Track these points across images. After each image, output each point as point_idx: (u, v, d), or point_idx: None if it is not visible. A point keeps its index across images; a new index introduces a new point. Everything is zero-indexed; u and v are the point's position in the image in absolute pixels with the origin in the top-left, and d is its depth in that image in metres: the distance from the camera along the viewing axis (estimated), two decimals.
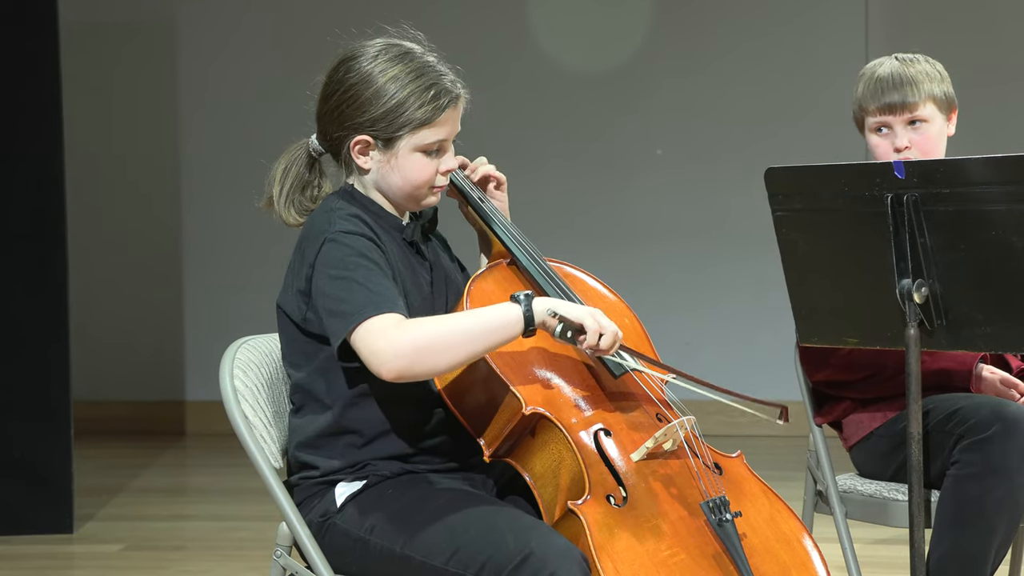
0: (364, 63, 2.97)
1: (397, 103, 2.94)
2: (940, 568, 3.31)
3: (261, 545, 5.47)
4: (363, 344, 2.82)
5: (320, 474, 2.98)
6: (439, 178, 3.01)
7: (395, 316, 2.83)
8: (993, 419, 3.31)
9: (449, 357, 2.82)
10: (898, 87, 3.54)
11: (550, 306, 2.87)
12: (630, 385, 3.01)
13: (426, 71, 2.97)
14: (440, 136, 2.97)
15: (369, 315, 2.82)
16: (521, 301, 2.85)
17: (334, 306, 2.86)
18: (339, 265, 2.88)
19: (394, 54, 2.98)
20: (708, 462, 2.98)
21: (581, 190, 7.70)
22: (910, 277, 3.03)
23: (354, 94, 2.96)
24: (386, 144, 2.97)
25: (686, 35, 7.66)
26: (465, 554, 2.79)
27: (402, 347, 2.79)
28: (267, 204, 3.09)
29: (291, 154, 3.08)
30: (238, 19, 7.87)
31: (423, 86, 2.95)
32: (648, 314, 2.99)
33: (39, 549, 5.52)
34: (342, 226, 2.92)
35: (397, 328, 2.81)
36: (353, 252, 2.89)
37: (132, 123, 7.99)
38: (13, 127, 5.61)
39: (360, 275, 2.86)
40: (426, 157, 2.98)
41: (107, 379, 7.90)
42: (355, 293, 2.84)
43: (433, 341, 2.81)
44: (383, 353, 2.80)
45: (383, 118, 2.95)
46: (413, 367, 2.80)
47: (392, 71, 2.95)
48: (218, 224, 7.84)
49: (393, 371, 2.80)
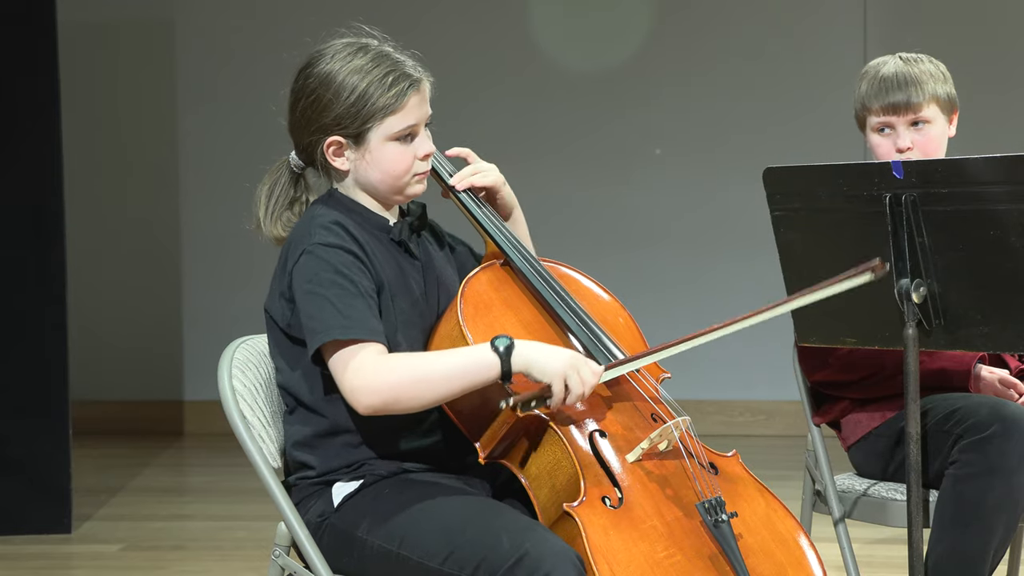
0: (322, 65, 2.98)
1: (359, 96, 2.94)
2: (939, 568, 3.31)
3: (259, 545, 5.47)
4: (341, 376, 2.85)
5: (317, 474, 2.98)
6: (418, 164, 3.00)
7: (371, 348, 2.84)
8: (992, 419, 3.31)
9: (425, 399, 2.85)
10: (902, 87, 3.54)
11: (524, 366, 2.83)
12: (625, 386, 3.01)
13: (382, 60, 2.97)
14: (409, 122, 2.97)
15: (335, 336, 2.84)
16: (500, 353, 2.83)
17: (306, 321, 2.88)
18: (313, 280, 2.88)
19: (350, 51, 2.98)
20: (704, 462, 2.97)
21: (579, 190, 7.69)
22: (908, 277, 3.03)
23: (316, 97, 2.96)
24: (357, 140, 2.97)
25: (685, 35, 7.65)
26: (461, 554, 2.79)
27: (380, 389, 2.83)
28: (256, 226, 3.10)
29: (273, 174, 3.09)
30: (238, 19, 7.87)
31: (381, 74, 2.95)
32: (646, 314, 2.99)
33: (37, 549, 5.52)
34: (321, 237, 2.91)
35: (375, 367, 2.83)
36: (329, 268, 2.89)
37: (132, 123, 7.98)
38: (12, 126, 5.61)
39: (332, 293, 2.87)
40: (400, 145, 2.98)
41: (106, 379, 7.89)
42: (325, 312, 2.86)
43: (410, 383, 2.83)
44: (360, 391, 2.83)
45: (348, 114, 2.95)
46: (387, 408, 2.84)
47: (349, 66, 2.96)
48: (217, 224, 7.83)
49: (369, 410, 2.84)
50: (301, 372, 2.97)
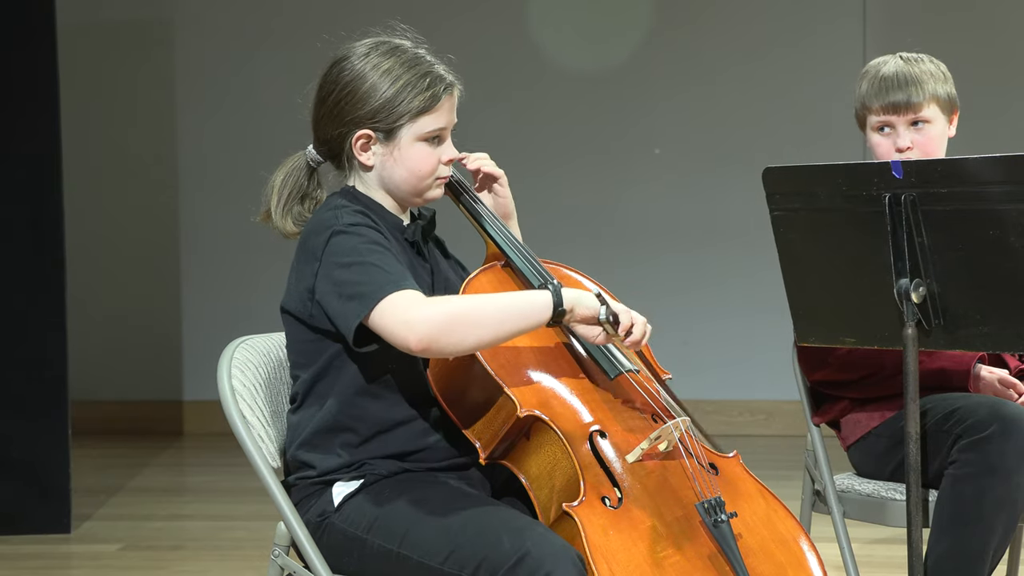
0: (356, 61, 2.99)
1: (395, 92, 2.96)
2: (938, 568, 3.31)
3: (259, 545, 5.47)
4: (390, 317, 2.81)
5: (317, 474, 2.98)
6: (442, 168, 3.02)
7: (419, 293, 2.84)
8: (991, 419, 3.31)
9: (478, 334, 2.82)
10: (903, 87, 3.54)
11: (579, 294, 2.88)
12: (625, 386, 3.01)
13: (419, 61, 3.00)
14: (440, 124, 2.99)
15: (390, 291, 2.82)
16: (551, 289, 2.86)
17: (351, 290, 2.86)
18: (352, 253, 2.88)
19: (384, 50, 3.00)
20: (704, 462, 2.97)
21: (579, 189, 7.70)
22: (908, 277, 3.03)
23: (351, 90, 2.97)
24: (387, 136, 2.98)
25: (684, 35, 7.66)
26: (461, 554, 2.79)
27: (434, 316, 2.80)
28: (264, 217, 3.09)
29: (289, 165, 3.09)
30: (238, 18, 7.87)
31: (418, 74, 2.98)
32: (646, 314, 2.99)
33: (37, 549, 5.52)
34: (350, 219, 2.93)
35: (426, 301, 2.83)
36: (365, 240, 2.90)
37: (131, 123, 7.98)
38: (11, 126, 5.61)
39: (375, 258, 2.87)
40: (428, 146, 3.00)
41: (105, 379, 7.90)
42: (373, 275, 2.85)
43: (465, 315, 2.82)
44: (414, 322, 2.80)
45: (383, 108, 2.96)
46: (440, 339, 2.80)
47: (386, 64, 2.98)
48: (216, 224, 7.83)
49: (423, 340, 2.80)
50: (322, 365, 2.97)
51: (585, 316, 2.90)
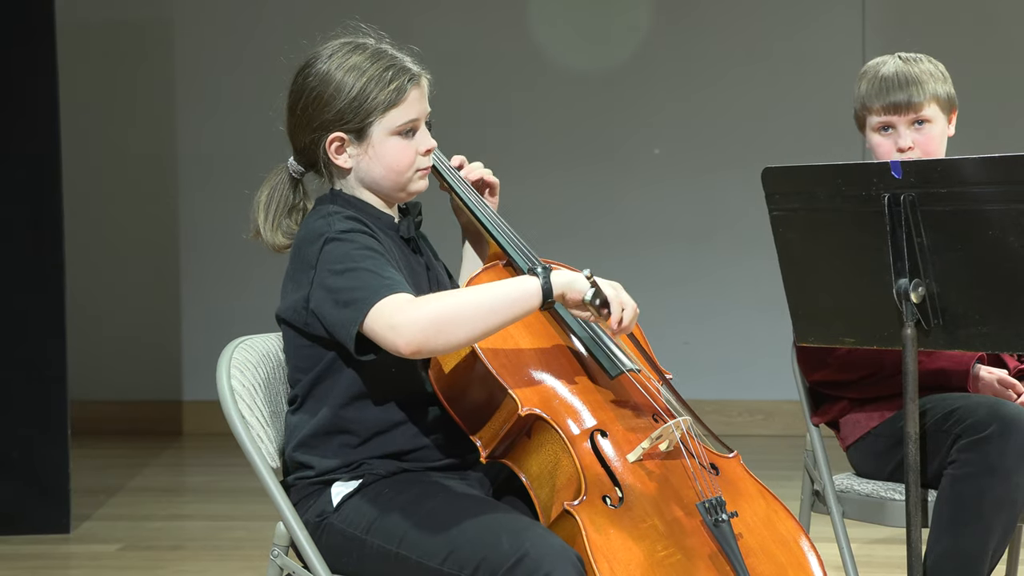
0: (319, 65, 2.99)
1: (360, 90, 2.95)
2: (937, 568, 3.31)
3: (258, 545, 5.47)
4: (380, 323, 2.80)
5: (316, 474, 2.98)
6: (420, 159, 3.01)
7: (409, 295, 2.83)
8: (990, 419, 3.31)
9: (467, 330, 2.80)
10: (903, 87, 3.54)
11: (571, 278, 2.87)
12: (626, 386, 3.01)
13: (382, 56, 2.99)
14: (410, 116, 2.98)
15: (383, 296, 2.81)
16: (539, 273, 2.85)
17: (346, 297, 2.85)
18: (345, 259, 2.88)
19: (348, 49, 3.00)
20: (704, 462, 2.97)
21: (579, 189, 7.70)
22: (907, 277, 3.03)
23: (317, 95, 2.97)
24: (359, 135, 2.98)
25: (684, 35, 7.66)
26: (460, 554, 2.79)
27: (420, 320, 2.78)
28: (255, 235, 3.09)
29: (272, 180, 3.09)
30: (237, 18, 7.87)
31: (381, 69, 2.97)
32: (646, 314, 2.99)
33: (36, 549, 5.52)
34: (342, 225, 2.93)
35: (414, 303, 2.81)
36: (358, 246, 2.89)
37: (130, 122, 7.98)
38: (11, 126, 5.61)
39: (368, 264, 2.86)
40: (402, 140, 2.99)
41: (104, 379, 7.90)
42: (366, 280, 2.84)
43: (452, 313, 2.79)
44: (400, 327, 2.78)
45: (350, 108, 2.96)
46: (429, 342, 2.79)
47: (349, 62, 2.97)
48: (215, 224, 7.83)
49: (412, 344, 2.78)
50: (320, 371, 2.97)
51: (576, 300, 2.89)
